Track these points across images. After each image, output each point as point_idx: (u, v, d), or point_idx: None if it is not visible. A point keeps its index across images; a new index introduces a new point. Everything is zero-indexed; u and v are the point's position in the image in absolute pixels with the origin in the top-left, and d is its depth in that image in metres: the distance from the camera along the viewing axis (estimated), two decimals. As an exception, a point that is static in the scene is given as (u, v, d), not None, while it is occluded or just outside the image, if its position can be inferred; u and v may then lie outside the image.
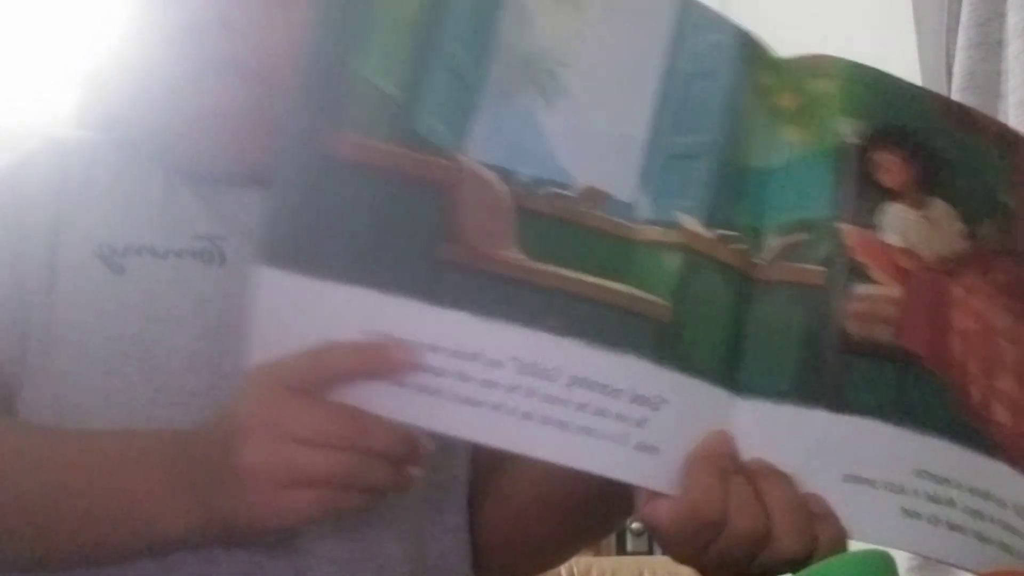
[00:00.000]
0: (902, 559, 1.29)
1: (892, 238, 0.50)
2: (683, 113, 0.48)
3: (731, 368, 0.47)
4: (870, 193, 0.51)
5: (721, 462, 0.45)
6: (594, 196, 0.47)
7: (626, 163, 0.47)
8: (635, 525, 3.05)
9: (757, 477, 0.46)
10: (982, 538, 0.47)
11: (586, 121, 0.47)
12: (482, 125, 0.45)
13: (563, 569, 2.18)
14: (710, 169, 0.48)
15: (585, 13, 0.48)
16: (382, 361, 0.43)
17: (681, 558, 0.47)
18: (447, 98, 0.45)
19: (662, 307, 0.46)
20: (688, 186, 0.48)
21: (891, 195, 0.51)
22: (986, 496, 0.48)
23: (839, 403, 0.47)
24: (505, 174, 0.45)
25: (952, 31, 1.32)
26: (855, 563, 0.38)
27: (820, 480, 0.47)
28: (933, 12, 1.41)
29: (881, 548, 0.40)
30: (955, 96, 1.24)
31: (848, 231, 0.50)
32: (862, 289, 0.49)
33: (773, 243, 0.49)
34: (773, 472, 0.46)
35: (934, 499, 0.47)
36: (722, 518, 0.44)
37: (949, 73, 1.29)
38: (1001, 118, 1.21)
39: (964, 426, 0.49)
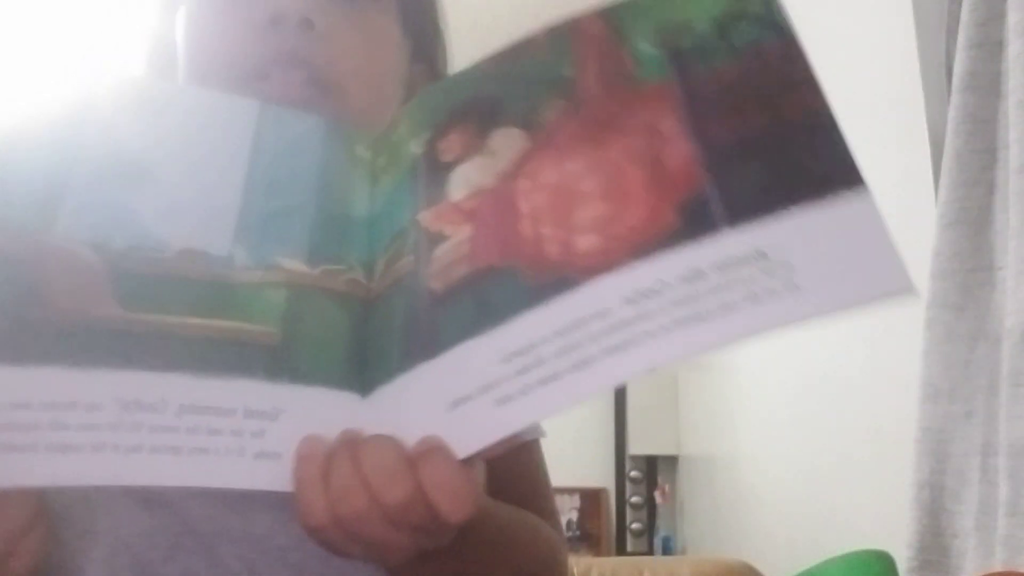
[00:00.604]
0: (901, 557, 1.29)
1: (458, 193, 0.54)
2: (273, 185, 0.55)
3: (356, 373, 0.51)
4: (440, 176, 0.55)
5: (314, 460, 0.48)
6: (189, 255, 0.52)
7: (220, 227, 0.53)
8: (635, 525, 3.05)
9: (358, 455, 0.48)
10: (581, 364, 0.46)
11: (176, 200, 0.53)
12: (69, 210, 0.51)
13: (563, 569, 2.17)
14: (305, 223, 0.55)
15: (166, 120, 0.55)
16: None
17: (363, 557, 0.50)
18: (32, 189, 0.51)
19: (269, 333, 0.51)
20: (285, 237, 0.54)
21: (455, 163, 0.55)
22: (576, 324, 0.48)
23: (434, 349, 0.50)
24: (97, 246, 0.50)
25: (952, 31, 1.32)
26: (854, 563, 0.37)
27: (434, 423, 0.49)
28: (933, 12, 1.41)
29: (880, 549, 0.39)
30: (955, 96, 1.24)
31: (424, 215, 0.54)
32: (439, 250, 0.53)
33: (380, 266, 0.55)
34: (368, 442, 0.48)
35: (522, 372, 0.48)
36: (326, 509, 0.47)
37: (949, 73, 1.29)
38: (1001, 119, 1.22)
39: (542, 286, 0.49)
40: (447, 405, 0.49)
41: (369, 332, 0.53)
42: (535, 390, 0.47)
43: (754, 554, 2.17)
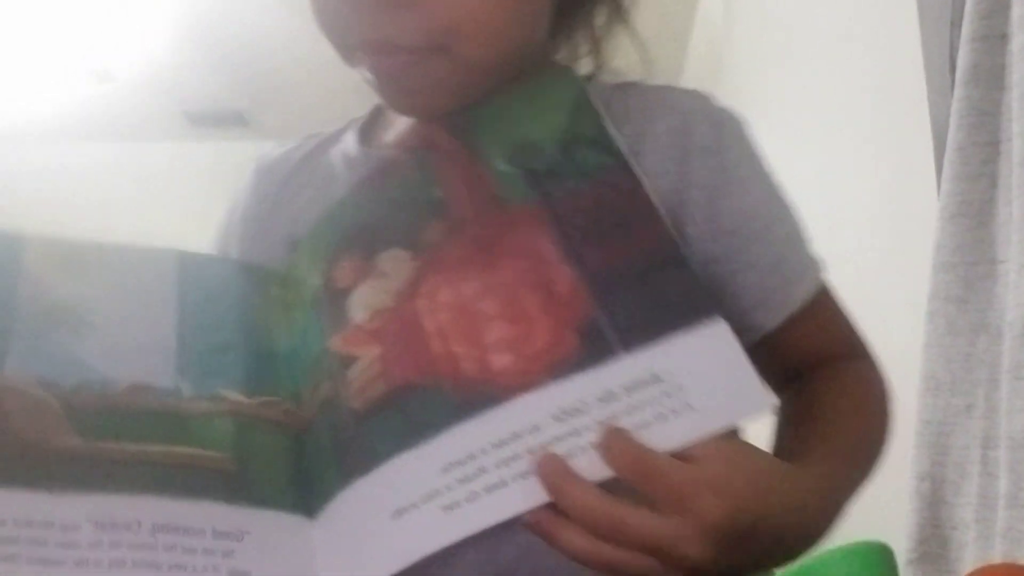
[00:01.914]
0: (901, 549, 1.30)
1: (360, 315, 0.59)
2: (203, 327, 0.59)
3: (301, 497, 0.54)
4: (339, 302, 0.60)
5: None
6: (138, 389, 0.55)
7: (162, 364, 0.57)
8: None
9: None
10: (524, 473, 0.50)
11: (117, 344, 0.57)
12: (16, 355, 0.54)
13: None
14: (239, 358, 0.59)
15: (94, 275, 0.59)
16: None
17: None
18: None
19: (224, 459, 0.54)
20: (223, 371, 0.58)
21: (352, 288, 0.60)
22: (513, 437, 0.51)
23: (367, 465, 0.53)
24: (48, 385, 0.53)
25: (956, 24, 1.31)
26: (853, 555, 0.37)
27: (380, 532, 0.52)
28: (937, 5, 1.41)
29: (880, 540, 0.39)
30: (958, 89, 1.24)
31: (334, 341, 0.59)
32: (351, 371, 0.57)
33: (306, 395, 0.58)
34: None
35: (465, 481, 0.50)
36: None
37: (953, 66, 1.29)
38: (1004, 112, 1.21)
39: (468, 401, 0.53)
40: (390, 514, 0.51)
41: (307, 457, 0.56)
42: (482, 497, 0.50)
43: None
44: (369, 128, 0.78)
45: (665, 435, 0.50)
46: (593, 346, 0.53)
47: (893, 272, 1.69)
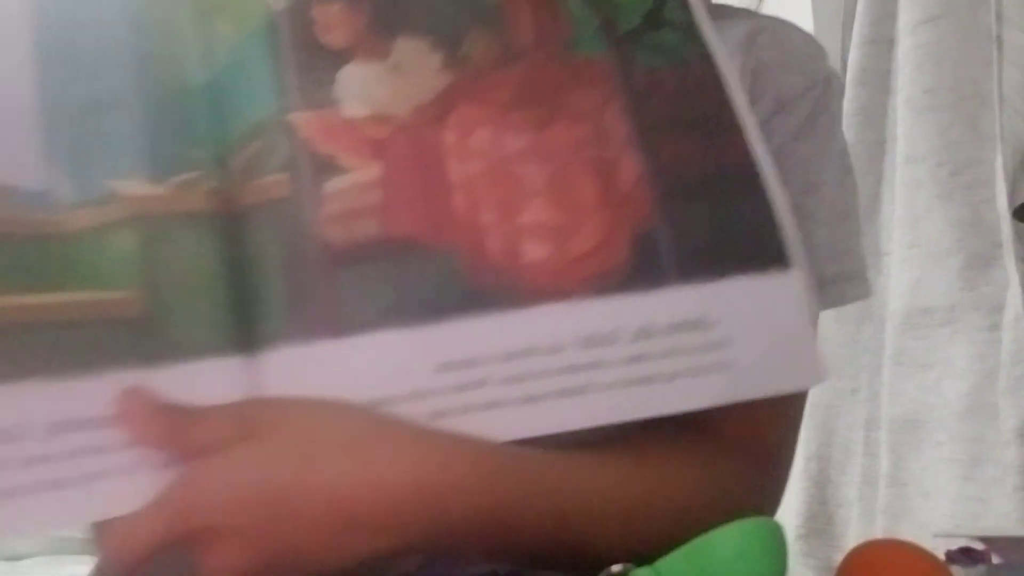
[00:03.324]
0: (790, 526, 1.36)
1: (354, 109, 0.43)
2: (76, 61, 0.41)
3: (235, 328, 0.40)
4: (319, 63, 0.43)
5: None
6: None
7: (20, 140, 0.39)
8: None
9: None
10: (531, 398, 0.41)
11: None
12: None
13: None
14: (135, 112, 0.41)
15: None
16: None
17: None
18: None
19: (129, 301, 0.39)
20: (113, 143, 0.40)
21: (344, 56, 0.43)
22: (527, 352, 0.42)
23: (339, 327, 0.40)
24: None
25: (847, 27, 1.38)
26: (744, 531, 0.40)
27: None
28: (830, 8, 1.47)
29: (768, 518, 0.41)
30: (848, 90, 1.30)
31: (302, 119, 0.42)
32: (333, 184, 0.41)
33: (238, 163, 0.41)
34: None
35: (461, 389, 0.41)
36: None
37: (844, 67, 1.35)
38: (890, 114, 1.28)
39: (485, 291, 0.42)
40: (363, 402, 0.40)
41: (240, 266, 0.41)
42: (476, 414, 0.41)
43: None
44: None
45: (695, 392, 0.43)
46: (645, 264, 0.43)
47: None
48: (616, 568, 0.38)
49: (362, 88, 0.43)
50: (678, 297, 0.43)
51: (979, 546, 0.79)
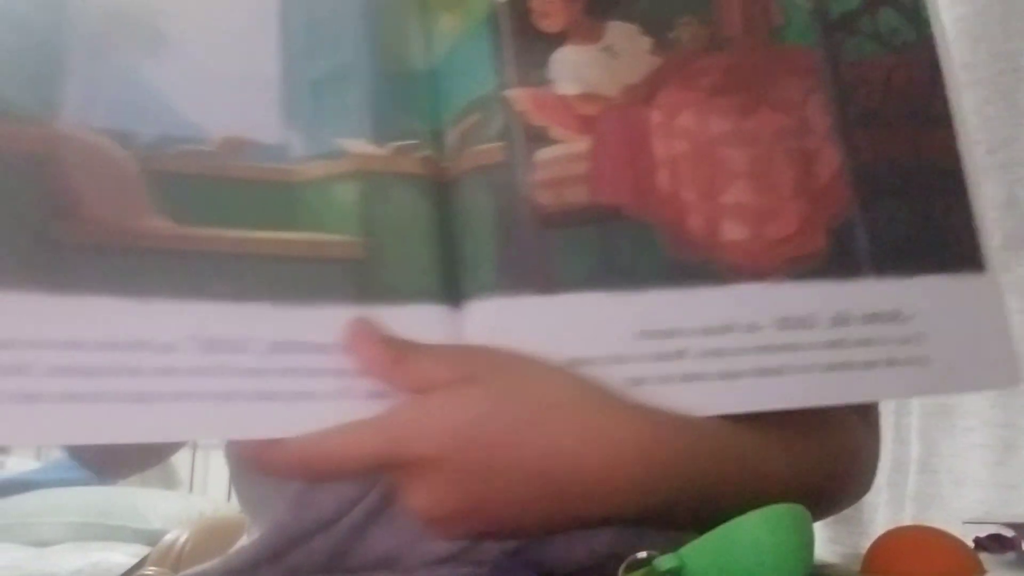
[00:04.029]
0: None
1: (568, 87, 0.45)
2: (315, 38, 0.45)
3: (444, 280, 0.43)
4: (535, 46, 0.46)
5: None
6: (235, 145, 0.42)
7: (263, 102, 0.43)
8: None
9: None
10: (730, 375, 0.43)
11: (203, 68, 0.43)
12: (74, 88, 0.40)
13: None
14: (363, 86, 0.45)
15: None
16: None
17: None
18: (19, 61, 0.40)
19: (351, 244, 0.42)
20: (343, 110, 0.44)
21: (559, 40, 0.46)
22: (726, 329, 0.43)
23: (546, 284, 0.43)
24: (123, 138, 0.40)
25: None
26: (769, 517, 0.39)
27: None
28: None
29: (793, 504, 0.41)
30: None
31: (518, 95, 0.45)
32: (545, 153, 0.44)
33: (453, 137, 0.45)
34: None
35: (660, 358, 0.43)
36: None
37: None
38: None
39: (685, 265, 0.44)
40: (564, 360, 0.42)
41: (450, 225, 0.44)
42: (675, 385, 0.42)
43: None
44: None
45: (891, 382, 0.44)
46: (842, 254, 0.45)
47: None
48: (642, 555, 0.38)
49: (575, 68, 0.45)
50: (875, 289, 0.45)
51: (1009, 533, 0.78)
